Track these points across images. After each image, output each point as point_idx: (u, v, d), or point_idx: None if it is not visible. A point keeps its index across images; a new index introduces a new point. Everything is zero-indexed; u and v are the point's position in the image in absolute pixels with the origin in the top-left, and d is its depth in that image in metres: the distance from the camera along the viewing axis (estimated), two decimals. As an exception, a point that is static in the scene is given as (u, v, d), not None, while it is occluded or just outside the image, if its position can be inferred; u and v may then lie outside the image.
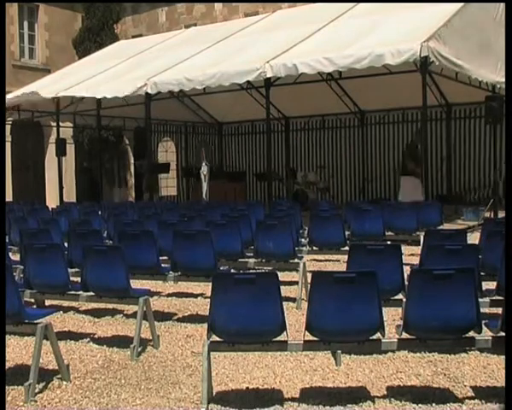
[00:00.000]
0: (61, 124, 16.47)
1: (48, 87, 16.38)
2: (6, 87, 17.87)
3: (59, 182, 16.50)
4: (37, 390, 4.12)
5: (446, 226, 9.55)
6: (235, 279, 3.89)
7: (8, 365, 4.67)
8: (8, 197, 18.42)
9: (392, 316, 5.45)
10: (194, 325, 5.82)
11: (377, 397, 3.93)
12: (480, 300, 4.15)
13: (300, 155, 19.54)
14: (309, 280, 4.47)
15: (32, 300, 6.02)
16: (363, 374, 4.37)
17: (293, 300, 6.46)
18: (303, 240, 8.35)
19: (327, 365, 4.56)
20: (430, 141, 15.70)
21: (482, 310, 4.03)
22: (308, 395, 4.00)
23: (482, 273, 5.38)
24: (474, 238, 7.77)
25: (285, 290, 6.20)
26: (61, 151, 16.48)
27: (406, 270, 4.89)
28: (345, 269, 5.19)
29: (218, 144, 21.60)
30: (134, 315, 5.57)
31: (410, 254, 7.98)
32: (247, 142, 20.80)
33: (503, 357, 4.02)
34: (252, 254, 7.14)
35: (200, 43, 15.67)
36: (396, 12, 13.19)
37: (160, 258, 6.42)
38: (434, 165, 16.40)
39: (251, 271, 6.69)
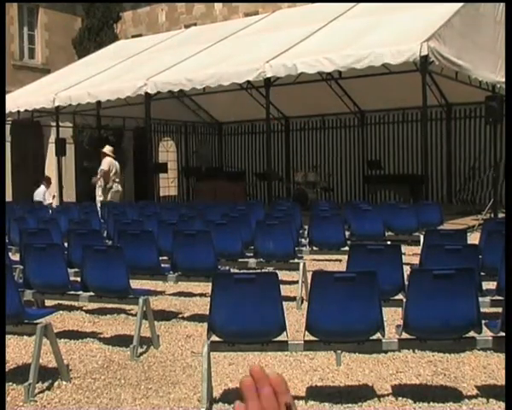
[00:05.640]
0: (60, 124, 16.46)
1: (48, 87, 16.39)
2: (6, 87, 17.89)
3: (58, 182, 16.50)
4: (36, 390, 4.12)
5: (446, 226, 9.55)
6: (235, 279, 3.89)
7: (8, 365, 4.66)
8: (8, 197, 18.42)
9: (392, 316, 5.45)
10: (194, 325, 5.82)
11: (377, 397, 3.93)
12: (480, 300, 4.15)
13: (300, 155, 19.54)
14: (309, 280, 4.47)
15: (32, 300, 6.02)
16: (363, 374, 4.37)
17: (293, 300, 6.46)
18: (303, 240, 8.35)
19: (327, 365, 4.56)
20: (430, 141, 15.70)
21: (482, 310, 4.03)
22: (308, 394, 4.00)
23: (482, 273, 5.38)
24: (474, 238, 7.77)
25: (285, 290, 6.20)
26: (60, 151, 16.47)
27: (406, 270, 4.89)
28: (345, 269, 5.19)
29: (218, 144, 21.60)
30: (134, 315, 5.57)
31: (410, 254, 7.98)
32: (247, 142, 20.79)
33: (503, 357, 4.02)
34: (252, 255, 7.14)
35: (200, 43, 15.67)
36: (396, 12, 13.19)
37: (160, 258, 6.42)
38: (434, 165, 16.40)
39: (251, 271, 6.69)
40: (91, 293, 5.35)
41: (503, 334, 3.70)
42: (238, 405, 0.65)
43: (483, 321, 3.86)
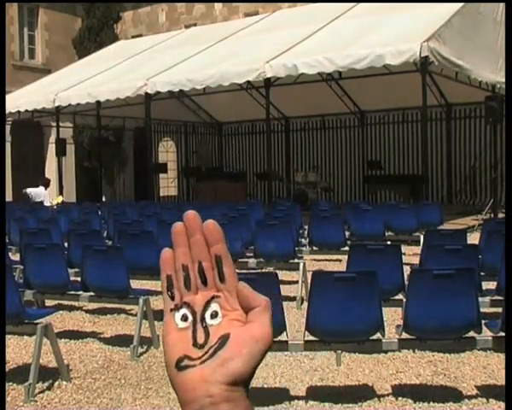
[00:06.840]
0: (60, 124, 16.47)
1: (48, 87, 16.39)
2: (6, 87, 17.89)
3: (59, 182, 16.50)
4: (37, 390, 4.12)
5: (446, 226, 9.55)
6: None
7: (8, 365, 4.66)
8: (8, 197, 18.42)
9: (392, 316, 5.45)
10: (194, 325, 5.80)
11: (377, 397, 3.93)
12: (480, 300, 4.15)
13: (300, 155, 19.55)
14: (309, 280, 4.47)
15: (33, 300, 6.02)
16: (363, 374, 4.37)
17: (294, 300, 6.46)
18: (303, 240, 8.35)
19: (327, 365, 4.56)
20: (430, 141, 15.70)
21: (482, 310, 4.03)
22: (308, 394, 4.00)
23: (482, 273, 5.38)
24: (474, 238, 7.77)
25: (285, 290, 6.20)
26: (61, 151, 16.49)
27: (406, 270, 4.89)
28: (345, 269, 5.19)
29: (218, 144, 21.61)
30: (134, 315, 5.57)
31: (410, 254, 7.98)
32: (247, 142, 20.80)
33: (503, 357, 4.02)
34: (252, 255, 7.13)
35: (200, 44, 15.67)
36: (396, 12, 13.19)
37: (160, 258, 6.40)
38: (434, 165, 16.40)
39: (251, 271, 6.69)
40: (91, 293, 5.35)
41: (503, 334, 3.70)
42: (166, 250, 0.58)
43: (483, 321, 3.86)
